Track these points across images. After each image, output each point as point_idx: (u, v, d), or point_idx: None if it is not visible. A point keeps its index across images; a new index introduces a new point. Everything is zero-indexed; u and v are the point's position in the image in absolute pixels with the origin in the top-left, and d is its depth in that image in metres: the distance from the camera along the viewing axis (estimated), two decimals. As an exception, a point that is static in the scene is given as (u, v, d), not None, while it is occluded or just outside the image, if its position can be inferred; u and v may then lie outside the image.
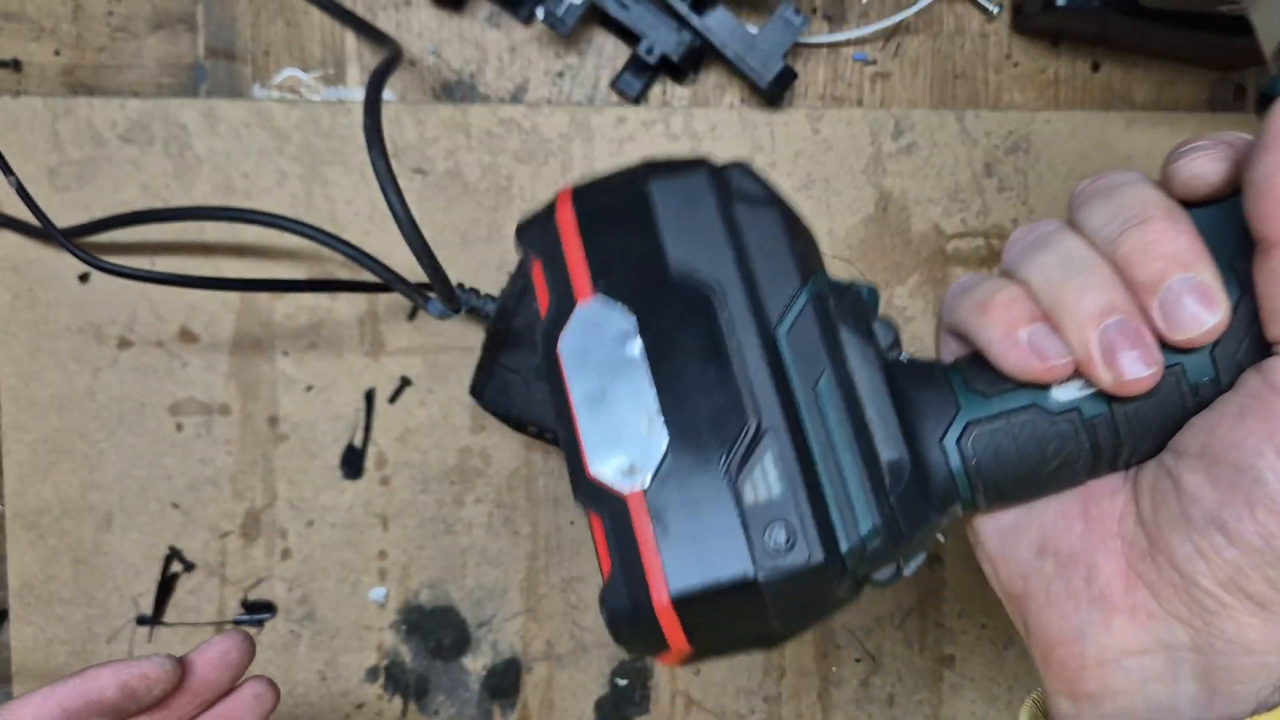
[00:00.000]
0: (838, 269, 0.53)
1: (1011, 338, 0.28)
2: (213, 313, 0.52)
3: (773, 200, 0.30)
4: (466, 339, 0.52)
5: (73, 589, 0.52)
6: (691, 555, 0.26)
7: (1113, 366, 0.26)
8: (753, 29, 0.50)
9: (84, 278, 0.51)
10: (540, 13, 0.50)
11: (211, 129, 0.51)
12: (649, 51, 0.50)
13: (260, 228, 0.49)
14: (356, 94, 0.52)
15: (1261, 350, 0.27)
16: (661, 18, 0.50)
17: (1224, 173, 0.27)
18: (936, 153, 0.53)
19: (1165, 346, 0.27)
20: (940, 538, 0.30)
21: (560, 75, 0.52)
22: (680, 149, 0.52)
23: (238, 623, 0.52)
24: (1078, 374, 0.28)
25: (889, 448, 0.28)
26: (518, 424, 0.46)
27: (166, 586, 0.52)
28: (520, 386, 0.46)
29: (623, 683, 0.54)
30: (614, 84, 0.52)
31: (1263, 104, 0.29)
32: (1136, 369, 0.26)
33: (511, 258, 0.52)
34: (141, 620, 0.52)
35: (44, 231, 0.45)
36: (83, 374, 0.52)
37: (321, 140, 0.51)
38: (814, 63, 0.53)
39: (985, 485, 0.29)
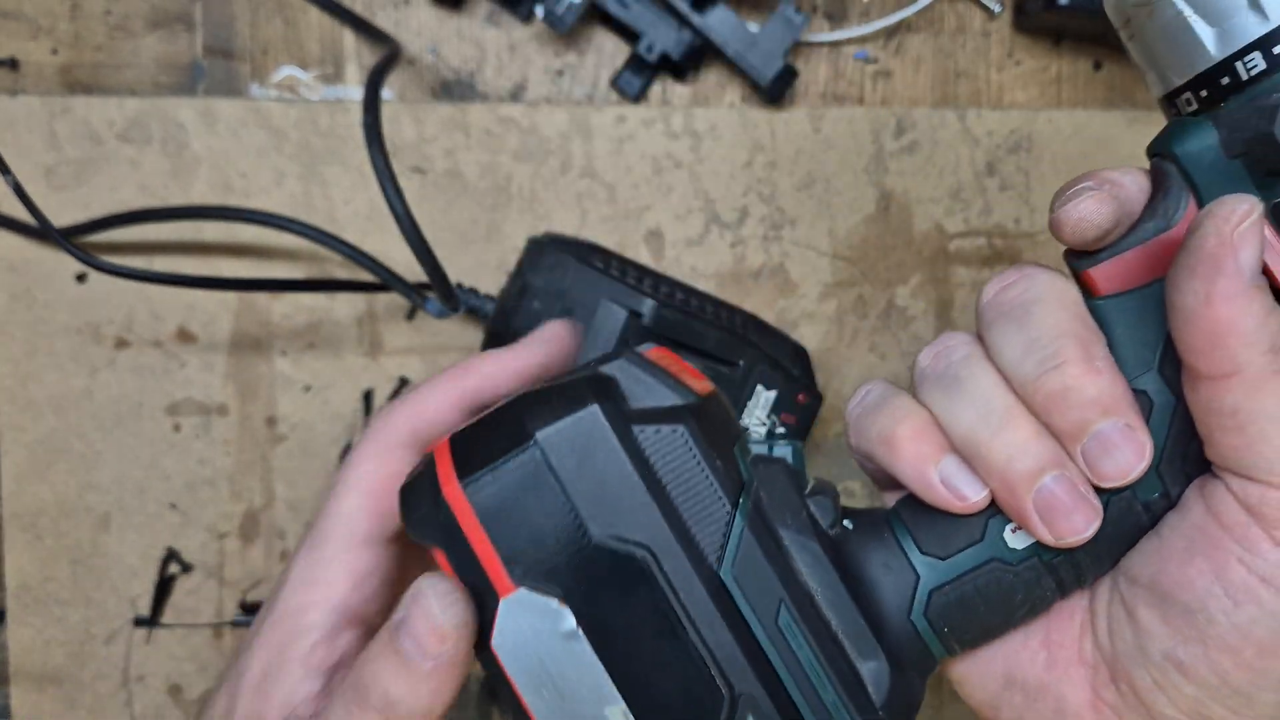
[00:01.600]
0: (839, 269, 0.52)
1: (925, 478, 0.27)
2: (211, 313, 0.51)
3: (676, 411, 0.27)
4: (465, 339, 0.52)
5: (70, 590, 0.52)
6: None
7: (1054, 526, 0.26)
8: (753, 27, 0.49)
9: (81, 278, 0.51)
10: (540, 11, 0.50)
11: (209, 128, 0.51)
12: (649, 50, 0.50)
13: (258, 227, 0.49)
14: (355, 93, 0.52)
15: (1204, 460, 0.26)
16: (662, 16, 0.50)
17: (1111, 214, 0.26)
18: (938, 151, 0.52)
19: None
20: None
21: (560, 74, 0.52)
22: (680, 147, 0.52)
23: (236, 624, 0.52)
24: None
25: (865, 658, 0.27)
26: None
27: (164, 587, 0.52)
28: None
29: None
30: (614, 82, 0.52)
31: (1151, 156, 0.28)
32: (1077, 527, 0.26)
33: (511, 257, 0.51)
34: (139, 621, 0.52)
35: (41, 231, 0.45)
36: (80, 374, 0.51)
37: (320, 139, 0.51)
38: (815, 61, 0.53)
39: (959, 641, 0.28)
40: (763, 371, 0.46)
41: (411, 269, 0.51)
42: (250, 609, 0.52)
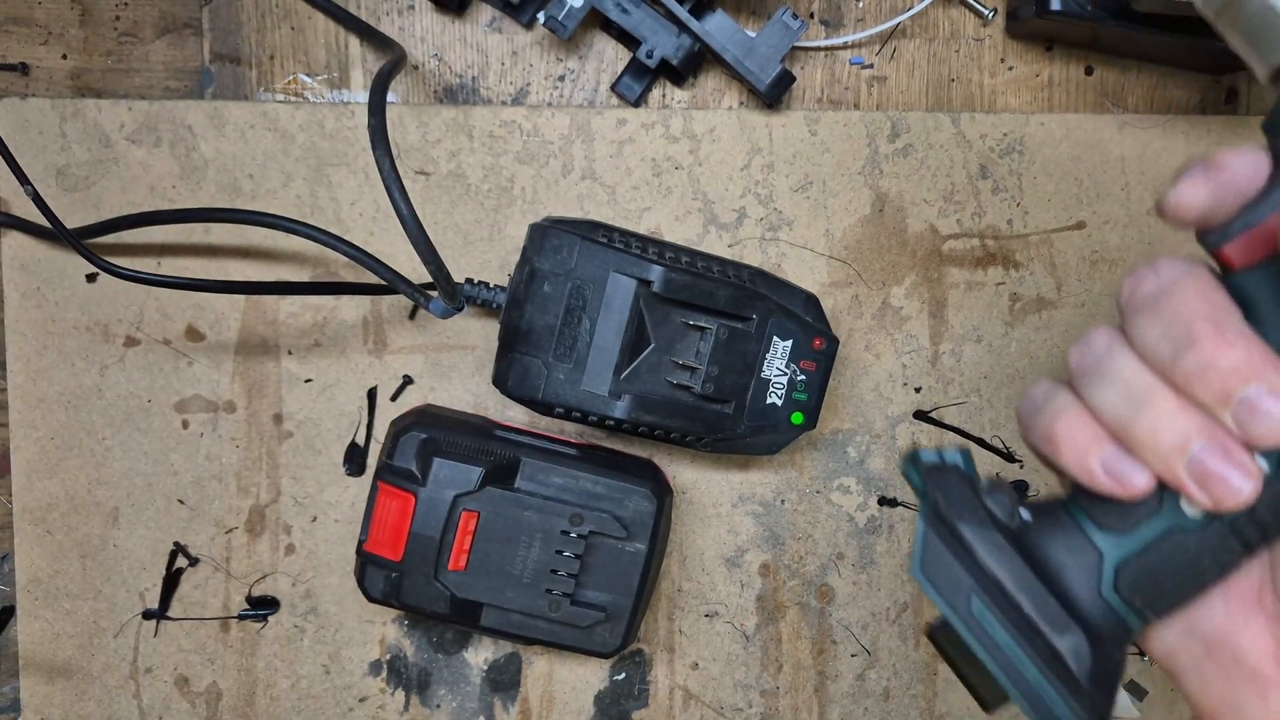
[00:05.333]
0: (834, 269, 0.53)
1: (1088, 470, 0.28)
2: (219, 312, 0.52)
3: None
4: (468, 338, 0.53)
5: (80, 584, 0.53)
6: None
7: (1210, 491, 0.26)
8: (751, 33, 0.50)
9: (91, 277, 0.52)
10: (541, 17, 0.51)
11: (218, 131, 0.52)
12: (649, 55, 0.51)
13: (265, 229, 0.50)
14: (360, 98, 0.53)
15: None
16: (661, 22, 0.50)
17: (1208, 196, 0.27)
18: (932, 155, 0.53)
19: None
20: None
21: (561, 79, 0.53)
22: (679, 150, 0.53)
23: (242, 617, 0.53)
24: None
25: (1061, 636, 0.28)
26: (545, 407, 0.47)
27: (172, 581, 0.53)
28: (540, 370, 0.46)
29: (621, 677, 0.54)
30: (614, 87, 0.53)
31: (1268, 132, 0.29)
32: (1235, 489, 0.26)
33: (513, 258, 0.52)
34: (148, 614, 0.53)
35: (52, 232, 0.46)
36: (90, 372, 0.52)
37: (326, 142, 0.52)
38: (811, 66, 0.53)
39: (1154, 610, 0.29)
40: (776, 322, 0.47)
41: (416, 269, 0.52)
42: (256, 603, 0.53)
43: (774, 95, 0.51)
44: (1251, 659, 0.28)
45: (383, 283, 0.47)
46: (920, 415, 0.54)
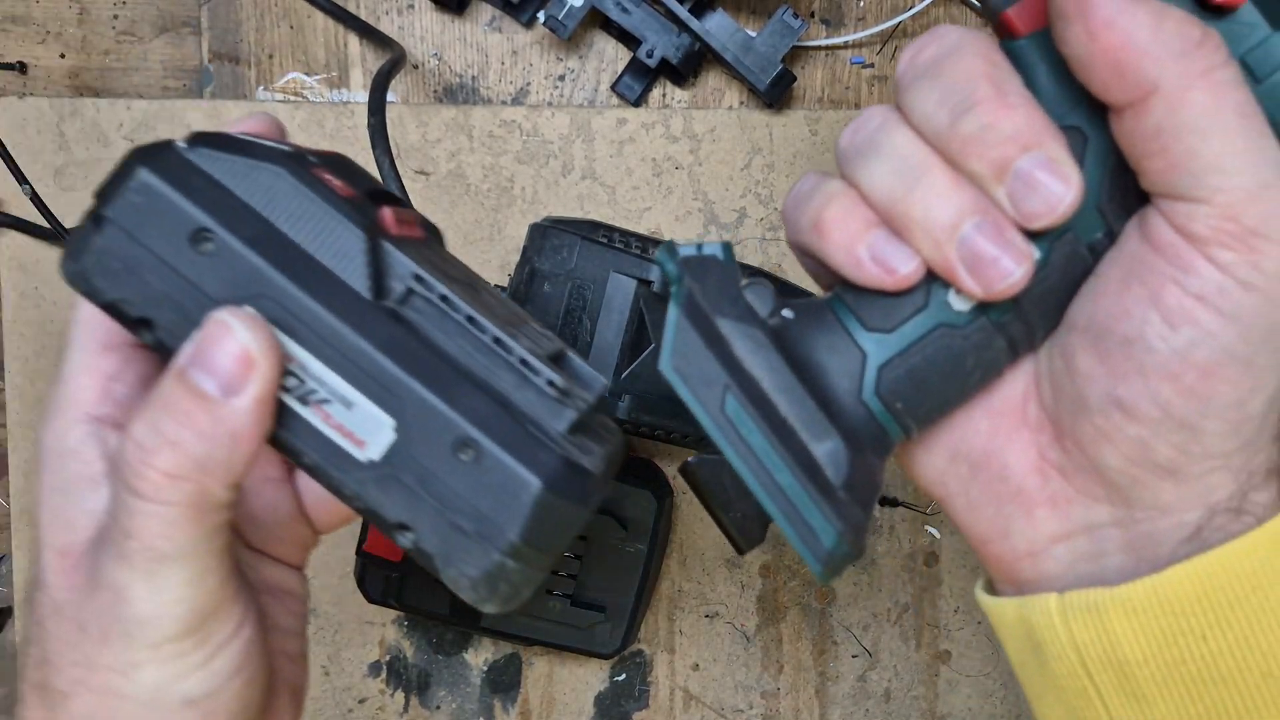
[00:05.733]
0: (835, 269, 0.53)
1: (855, 258, 0.26)
2: (217, 312, 0.52)
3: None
4: (468, 338, 0.53)
5: (78, 585, 0.52)
6: None
7: (980, 277, 0.25)
8: (751, 32, 0.50)
9: (90, 277, 0.52)
10: (542, 16, 0.51)
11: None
12: (649, 55, 0.51)
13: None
14: (360, 97, 0.53)
15: (1143, 194, 0.25)
16: (661, 21, 0.50)
17: None
18: (932, 155, 0.53)
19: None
20: (934, 533, 0.30)
21: (561, 78, 0.53)
22: (680, 150, 0.53)
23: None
24: None
25: (819, 440, 0.26)
26: None
27: (171, 583, 0.53)
28: None
29: (622, 677, 0.54)
30: (614, 87, 0.53)
31: None
32: (1005, 273, 0.25)
33: (513, 258, 0.52)
34: (146, 616, 0.53)
35: (50, 231, 0.46)
36: (89, 372, 0.52)
37: (326, 142, 0.52)
38: (812, 66, 0.53)
39: (915, 418, 0.27)
40: None
41: (415, 269, 0.51)
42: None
43: (774, 95, 0.51)
44: (1016, 475, 0.27)
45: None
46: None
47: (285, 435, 0.26)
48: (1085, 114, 0.25)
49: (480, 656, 0.54)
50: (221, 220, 0.25)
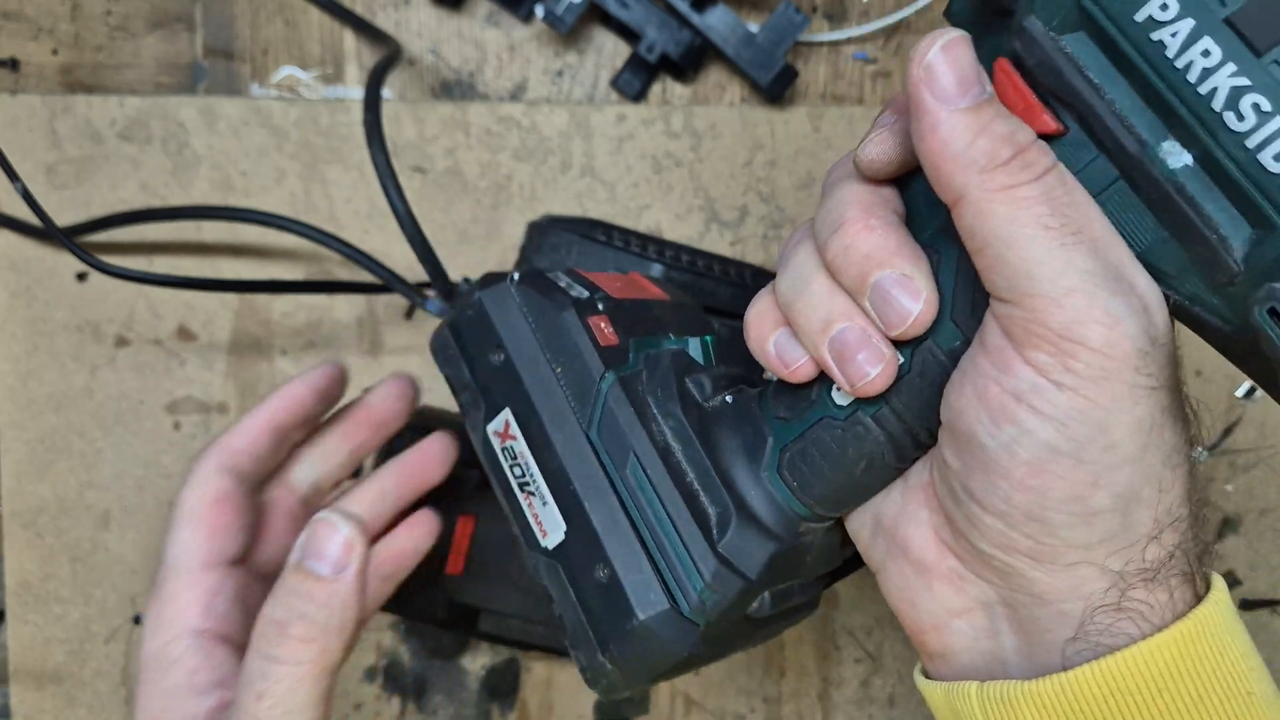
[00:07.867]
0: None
1: (764, 353, 0.30)
2: (211, 311, 0.52)
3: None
4: (466, 338, 0.52)
5: (70, 588, 0.52)
6: None
7: (846, 372, 0.28)
8: (753, 27, 0.50)
9: (82, 276, 0.51)
10: (540, 11, 0.50)
11: (210, 127, 0.51)
12: (649, 50, 0.50)
13: (259, 226, 0.49)
14: (355, 93, 0.52)
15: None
16: (662, 16, 0.50)
17: (895, 148, 0.28)
18: (937, 151, 0.53)
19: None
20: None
21: (560, 74, 0.52)
22: (680, 147, 0.52)
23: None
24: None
25: (712, 502, 0.31)
26: None
27: (164, 586, 0.52)
28: None
29: (622, 683, 0.54)
30: (614, 82, 0.52)
31: (951, 18, 0.29)
32: (867, 370, 0.27)
33: (511, 255, 0.52)
34: (139, 620, 0.52)
35: (41, 230, 0.45)
36: (80, 372, 0.51)
37: (320, 139, 0.51)
38: (814, 61, 0.53)
39: (814, 500, 0.30)
40: None
41: (412, 268, 0.51)
42: (250, 608, 0.52)
43: (776, 91, 0.50)
44: (917, 549, 0.29)
45: (378, 282, 0.46)
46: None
47: (508, 503, 0.33)
48: (938, 234, 0.28)
49: (478, 661, 0.53)
50: (510, 341, 0.33)
